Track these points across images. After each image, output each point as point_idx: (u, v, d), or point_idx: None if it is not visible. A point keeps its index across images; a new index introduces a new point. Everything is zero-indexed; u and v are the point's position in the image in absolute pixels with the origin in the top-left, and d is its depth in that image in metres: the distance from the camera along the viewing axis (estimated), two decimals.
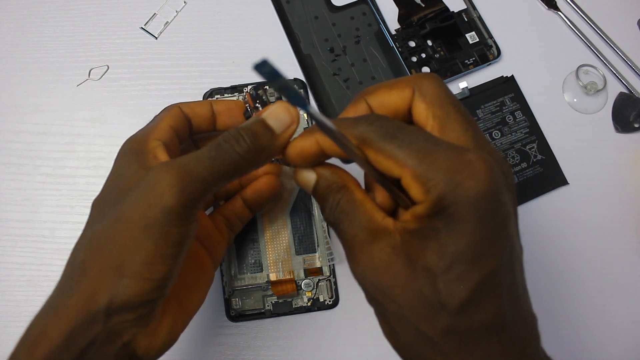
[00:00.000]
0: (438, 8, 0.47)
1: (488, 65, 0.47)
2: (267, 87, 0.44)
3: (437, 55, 0.46)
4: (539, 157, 0.45)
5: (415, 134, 0.23)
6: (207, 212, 0.37)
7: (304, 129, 0.27)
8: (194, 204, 0.24)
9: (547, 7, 0.49)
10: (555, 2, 0.49)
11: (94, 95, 0.45)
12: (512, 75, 0.46)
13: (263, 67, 0.21)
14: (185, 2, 0.48)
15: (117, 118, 0.45)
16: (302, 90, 0.28)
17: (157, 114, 0.32)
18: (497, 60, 0.47)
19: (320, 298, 0.41)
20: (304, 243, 0.41)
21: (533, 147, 0.45)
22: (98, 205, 0.27)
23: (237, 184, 0.37)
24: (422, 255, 0.23)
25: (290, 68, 0.46)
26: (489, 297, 0.22)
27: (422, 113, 0.25)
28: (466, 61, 0.46)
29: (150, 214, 0.23)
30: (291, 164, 0.27)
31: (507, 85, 0.46)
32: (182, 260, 0.25)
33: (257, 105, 0.31)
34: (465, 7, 0.48)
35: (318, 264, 0.41)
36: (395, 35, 0.46)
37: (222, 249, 0.34)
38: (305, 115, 0.29)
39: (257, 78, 0.45)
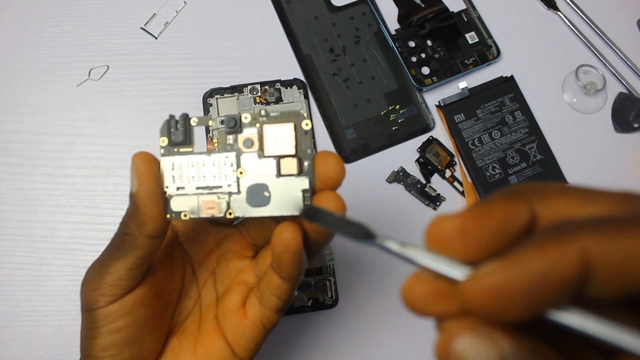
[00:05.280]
0: (438, 8, 0.47)
1: (488, 65, 0.47)
2: (266, 87, 0.45)
3: (436, 56, 0.46)
4: (539, 157, 0.45)
5: None
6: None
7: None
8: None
9: (546, 7, 0.49)
10: (555, 2, 0.49)
11: (94, 95, 0.45)
12: (512, 75, 0.46)
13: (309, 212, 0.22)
14: (185, 2, 0.48)
15: (117, 118, 0.45)
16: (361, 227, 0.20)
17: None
18: (496, 60, 0.47)
19: (320, 298, 0.41)
20: None
21: (533, 147, 0.45)
22: None
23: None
24: None
25: (290, 68, 0.46)
26: None
27: None
28: (466, 61, 0.46)
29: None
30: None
31: (507, 85, 0.46)
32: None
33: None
34: (465, 7, 0.48)
35: (318, 264, 0.41)
36: (395, 35, 0.47)
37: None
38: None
39: (256, 78, 0.45)
